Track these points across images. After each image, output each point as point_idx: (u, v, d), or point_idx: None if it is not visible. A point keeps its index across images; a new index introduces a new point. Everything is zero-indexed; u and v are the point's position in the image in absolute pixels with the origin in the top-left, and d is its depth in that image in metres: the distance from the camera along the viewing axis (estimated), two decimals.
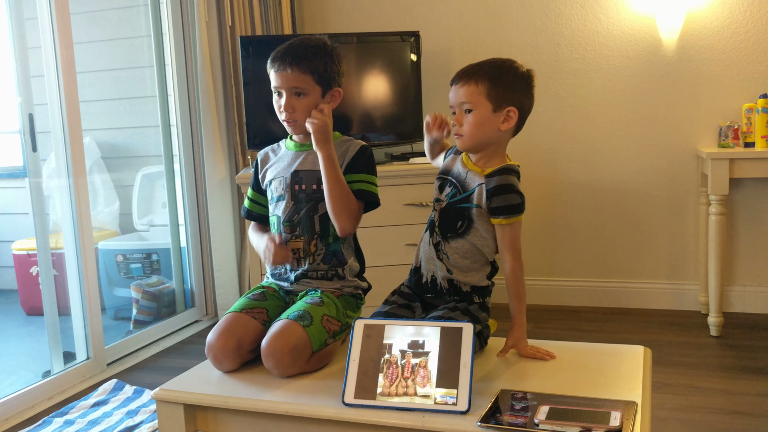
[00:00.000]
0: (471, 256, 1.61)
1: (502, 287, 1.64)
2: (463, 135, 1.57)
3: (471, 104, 1.55)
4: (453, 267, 1.61)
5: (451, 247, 1.61)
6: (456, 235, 1.60)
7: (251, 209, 1.88)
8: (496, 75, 1.56)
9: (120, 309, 3.70)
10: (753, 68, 3.26)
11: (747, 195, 3.34)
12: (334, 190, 1.66)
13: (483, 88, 1.54)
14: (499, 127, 1.57)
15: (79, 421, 2.42)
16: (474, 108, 1.55)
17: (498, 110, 1.56)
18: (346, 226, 1.69)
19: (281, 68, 1.67)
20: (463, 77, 1.57)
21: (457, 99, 1.57)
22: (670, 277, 3.51)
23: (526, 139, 3.60)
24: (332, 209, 1.67)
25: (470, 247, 1.60)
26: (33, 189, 2.76)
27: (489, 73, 1.56)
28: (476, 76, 1.55)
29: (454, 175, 1.64)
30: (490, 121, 1.56)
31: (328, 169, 1.66)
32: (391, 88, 3.41)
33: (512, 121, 1.58)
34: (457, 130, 1.58)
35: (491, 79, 1.55)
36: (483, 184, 1.57)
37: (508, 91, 1.56)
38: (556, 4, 3.50)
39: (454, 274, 1.61)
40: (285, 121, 1.73)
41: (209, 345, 1.57)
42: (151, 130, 3.77)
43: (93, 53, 3.81)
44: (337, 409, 1.33)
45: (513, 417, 1.23)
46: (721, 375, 2.62)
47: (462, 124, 1.57)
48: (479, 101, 1.55)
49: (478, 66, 1.58)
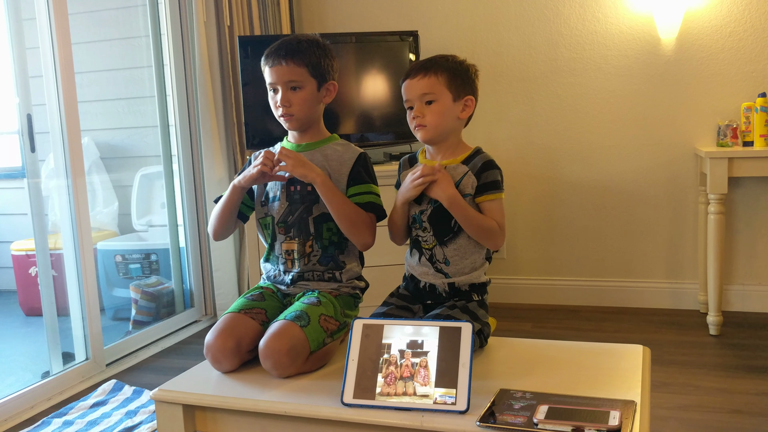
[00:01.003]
0: (470, 254, 1.61)
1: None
2: (427, 125, 1.61)
3: (433, 95, 1.59)
4: (454, 272, 1.62)
5: (450, 249, 1.61)
6: (453, 234, 1.60)
7: None
8: (453, 67, 1.62)
9: (119, 309, 3.70)
10: (751, 67, 3.26)
11: (746, 194, 3.34)
12: (340, 211, 1.65)
13: (443, 79, 1.60)
14: (458, 115, 1.63)
15: (78, 421, 2.42)
16: (436, 99, 1.60)
17: (458, 100, 1.62)
18: (366, 240, 1.69)
19: (276, 63, 1.68)
20: (420, 71, 1.61)
21: (417, 91, 1.61)
22: (669, 276, 3.51)
23: (524, 138, 3.64)
24: (345, 228, 1.67)
25: (468, 243, 1.61)
26: (31, 189, 2.76)
27: (445, 66, 1.61)
28: (434, 69, 1.60)
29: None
30: (451, 111, 1.61)
31: (327, 194, 1.64)
32: (390, 88, 3.41)
33: (470, 109, 1.64)
34: (419, 121, 1.61)
35: (449, 71, 1.61)
36: (467, 172, 1.59)
37: (465, 81, 1.63)
38: (554, 4, 3.50)
39: (454, 278, 1.62)
40: (281, 117, 1.72)
41: (208, 345, 1.57)
42: (150, 131, 3.77)
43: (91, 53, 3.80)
44: (336, 409, 1.33)
45: (512, 416, 1.22)
46: (721, 374, 2.63)
47: (424, 115, 1.60)
48: (441, 91, 1.60)
49: (430, 60, 1.63)
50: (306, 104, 1.70)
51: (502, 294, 3.63)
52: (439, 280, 1.63)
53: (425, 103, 1.60)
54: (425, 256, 1.64)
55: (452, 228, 1.60)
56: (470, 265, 1.62)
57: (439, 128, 1.61)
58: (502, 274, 3.66)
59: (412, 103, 1.62)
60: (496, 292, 1.70)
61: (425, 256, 1.64)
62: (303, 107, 1.70)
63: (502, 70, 3.57)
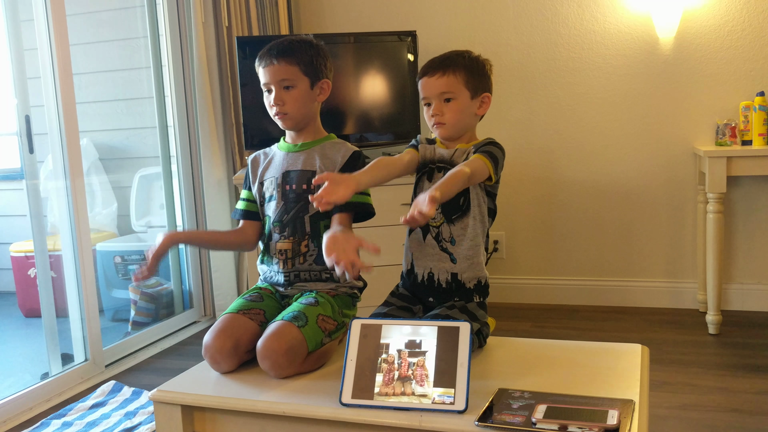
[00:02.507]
0: (474, 236, 1.60)
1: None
2: (446, 123, 1.63)
3: (451, 93, 1.61)
4: (458, 253, 1.61)
5: (457, 228, 1.61)
6: (461, 212, 1.61)
7: (247, 209, 1.85)
8: (470, 65, 1.63)
9: (118, 310, 3.70)
10: (750, 66, 3.26)
11: (744, 193, 3.34)
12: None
13: (461, 77, 1.61)
14: (476, 112, 1.66)
15: (77, 422, 2.42)
16: (454, 97, 1.61)
17: (475, 97, 1.64)
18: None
19: (268, 63, 1.71)
20: (438, 69, 1.62)
21: (435, 90, 1.62)
22: (668, 276, 3.51)
23: (523, 138, 3.64)
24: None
25: (474, 222, 1.61)
26: (30, 191, 2.76)
27: (463, 64, 1.63)
28: (452, 67, 1.61)
29: (438, 160, 1.67)
30: (469, 108, 1.64)
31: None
32: (389, 88, 3.41)
33: (487, 105, 1.67)
34: (438, 119, 1.63)
35: (466, 69, 1.62)
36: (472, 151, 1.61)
37: (482, 78, 1.65)
38: (552, 4, 3.50)
39: (457, 265, 1.61)
40: (276, 116, 1.74)
41: (206, 346, 1.57)
42: (149, 132, 3.77)
43: (89, 55, 3.81)
44: (335, 409, 1.33)
45: (510, 416, 1.22)
46: (720, 373, 2.63)
47: (443, 113, 1.62)
48: (459, 90, 1.61)
49: (448, 58, 1.64)
50: (299, 103, 1.71)
51: (502, 294, 3.63)
52: (442, 264, 1.62)
53: (444, 101, 1.62)
54: (432, 234, 1.64)
55: (461, 206, 1.61)
56: (474, 246, 1.61)
57: (458, 125, 1.64)
58: (502, 273, 3.66)
59: (430, 101, 1.64)
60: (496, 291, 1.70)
61: (432, 234, 1.64)
62: (296, 106, 1.71)
63: (500, 70, 3.57)
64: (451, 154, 1.65)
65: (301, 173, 1.73)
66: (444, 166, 1.64)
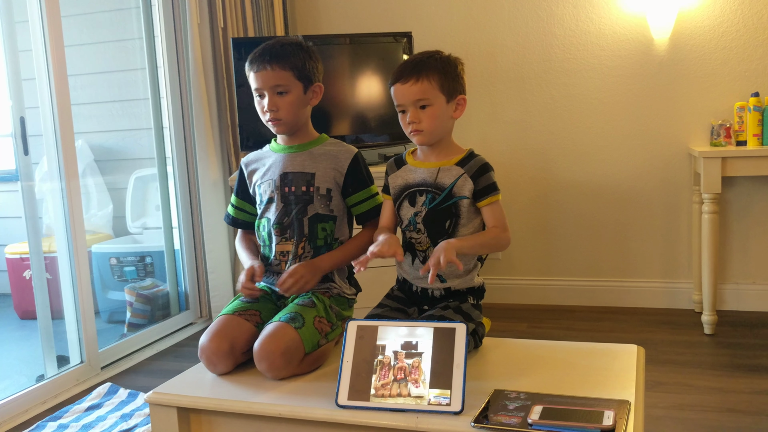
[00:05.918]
0: (463, 255, 1.60)
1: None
2: (423, 130, 1.59)
3: (427, 100, 1.57)
4: (448, 274, 1.61)
5: None
6: (447, 235, 1.60)
7: (237, 216, 1.87)
8: (443, 68, 1.59)
9: (114, 312, 3.69)
10: (744, 67, 3.27)
11: (739, 193, 3.35)
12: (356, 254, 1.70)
13: (435, 82, 1.57)
14: (452, 116, 1.63)
15: (73, 425, 2.41)
16: (430, 103, 1.58)
17: (451, 101, 1.61)
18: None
19: (261, 68, 1.68)
20: (411, 74, 1.58)
21: (410, 97, 1.58)
22: (664, 276, 3.51)
23: (518, 139, 3.64)
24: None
25: None
26: (25, 192, 2.75)
27: (436, 67, 1.58)
28: (425, 72, 1.57)
29: (419, 183, 1.63)
30: (445, 113, 1.61)
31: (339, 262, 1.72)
32: (385, 89, 3.40)
33: (462, 108, 1.63)
34: (415, 127, 1.59)
35: (440, 72, 1.58)
36: (463, 174, 1.59)
37: (456, 80, 1.61)
38: (547, 4, 3.51)
39: (449, 282, 1.62)
40: (269, 122, 1.72)
41: (202, 347, 1.56)
42: (144, 133, 3.76)
43: (85, 56, 3.80)
44: (331, 410, 1.33)
45: (506, 417, 1.23)
46: (715, 373, 2.63)
47: (420, 121, 1.58)
48: (435, 95, 1.58)
49: (421, 62, 1.60)
50: (293, 108, 1.70)
51: (497, 294, 3.63)
52: (434, 284, 1.62)
53: (419, 108, 1.58)
54: (419, 258, 1.64)
55: (447, 230, 1.61)
56: (464, 266, 1.61)
57: (436, 131, 1.60)
58: (497, 274, 3.67)
59: (405, 108, 1.60)
60: (491, 292, 1.70)
61: (419, 258, 1.64)
62: (290, 111, 1.70)
63: (495, 71, 3.58)
64: (434, 176, 1.61)
65: (300, 175, 1.73)
66: (428, 190, 1.61)
